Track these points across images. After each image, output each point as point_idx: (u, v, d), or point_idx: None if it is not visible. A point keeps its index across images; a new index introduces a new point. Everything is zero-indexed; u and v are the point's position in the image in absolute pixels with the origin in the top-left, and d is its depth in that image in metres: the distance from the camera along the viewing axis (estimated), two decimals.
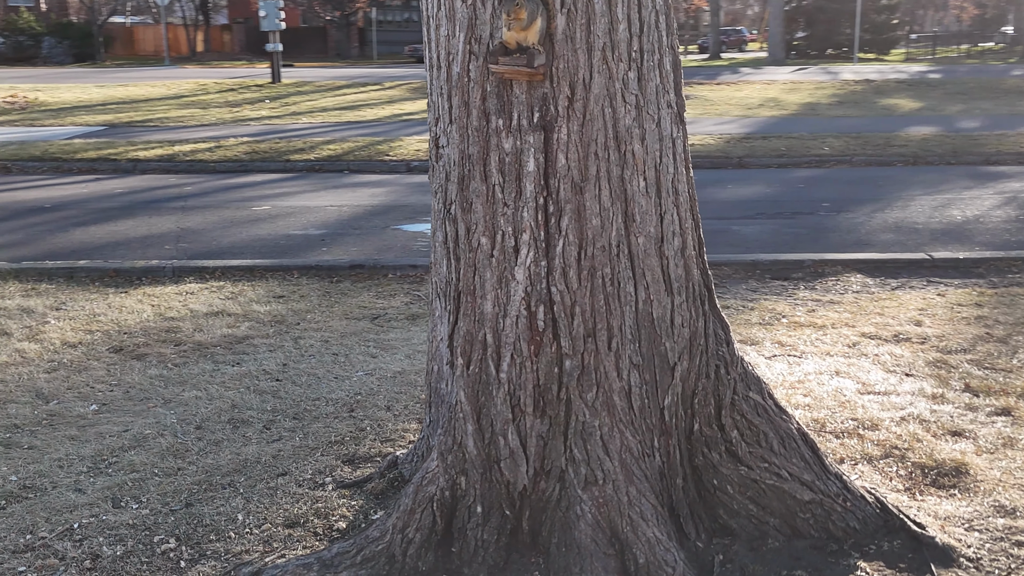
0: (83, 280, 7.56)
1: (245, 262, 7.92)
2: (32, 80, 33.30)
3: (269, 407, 4.79)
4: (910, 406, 4.63)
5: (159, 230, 9.90)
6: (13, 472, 4.16)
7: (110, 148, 15.83)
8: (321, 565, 3.30)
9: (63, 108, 23.61)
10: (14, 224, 10.37)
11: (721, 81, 30.14)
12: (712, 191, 12.09)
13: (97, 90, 28.63)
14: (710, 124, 18.64)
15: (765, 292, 7.00)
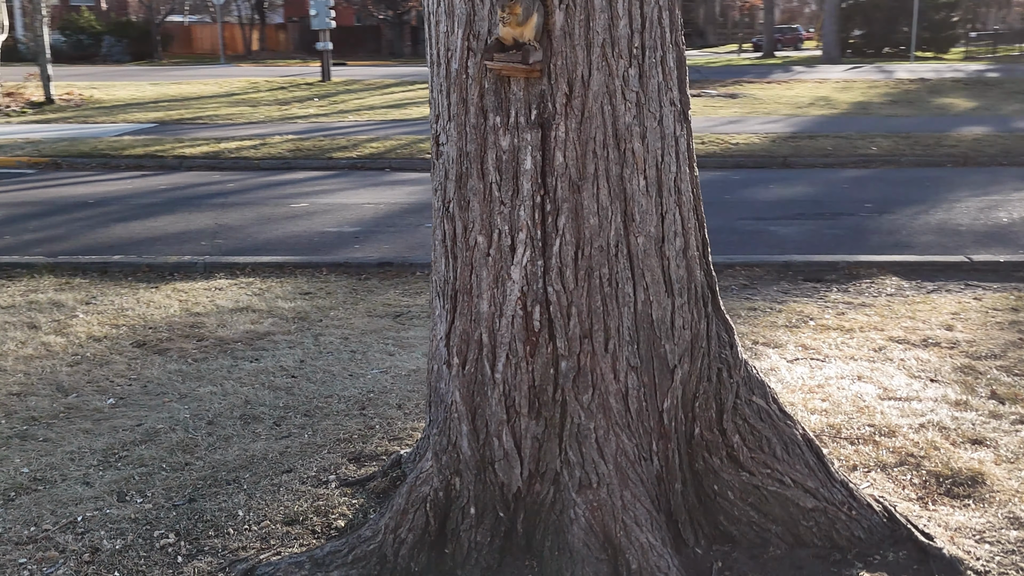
0: (116, 275, 7.66)
1: (275, 259, 7.97)
2: (89, 78, 33.91)
3: (281, 404, 4.80)
4: (931, 413, 4.51)
5: (197, 226, 10.00)
6: (26, 464, 4.21)
7: (157, 145, 16.05)
8: (313, 564, 3.29)
9: (116, 105, 24.00)
10: (57, 219, 10.55)
11: (772, 80, 29.75)
12: (753, 191, 11.95)
13: (151, 88, 29.09)
14: (756, 123, 18.41)
15: (796, 294, 6.88)
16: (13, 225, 10.21)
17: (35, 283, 7.33)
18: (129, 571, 3.38)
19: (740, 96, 24.06)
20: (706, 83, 28.04)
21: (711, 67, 37.62)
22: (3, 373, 5.31)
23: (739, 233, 9.32)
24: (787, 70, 35.74)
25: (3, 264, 7.91)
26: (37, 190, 12.76)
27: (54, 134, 18.11)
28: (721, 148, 15.10)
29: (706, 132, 16.77)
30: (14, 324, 6.19)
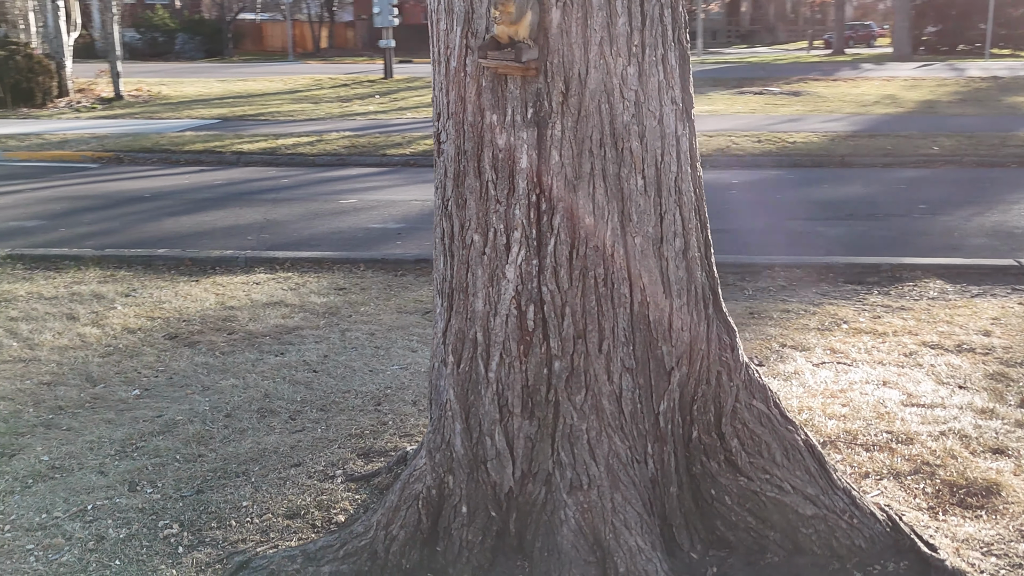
0: (160, 268, 7.80)
1: (314, 254, 8.05)
2: (160, 74, 34.63)
3: (299, 398, 4.85)
4: (953, 420, 4.39)
5: (245, 221, 10.15)
6: (46, 452, 4.31)
7: (217, 141, 16.32)
8: (305, 558, 3.32)
9: (183, 101, 24.47)
10: (112, 212, 10.79)
11: (838, 77, 29.24)
12: (806, 191, 11.76)
13: (218, 84, 29.60)
14: (817, 121, 18.10)
15: (834, 296, 6.75)
16: (70, 218, 10.47)
17: (81, 275, 7.51)
18: (130, 560, 3.44)
19: (803, 94, 23.69)
20: (770, 81, 27.67)
21: (777, 64, 37.12)
22: (37, 363, 5.44)
23: (785, 233, 9.18)
24: (855, 67, 35.09)
25: (52, 256, 8.11)
26: (97, 184, 13.06)
27: (119, 129, 18.53)
28: (777, 147, 14.87)
29: (763, 130, 16.53)
30: (54, 315, 6.35)
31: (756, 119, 18.71)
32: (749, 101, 22.39)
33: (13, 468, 4.16)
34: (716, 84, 27.03)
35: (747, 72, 32.20)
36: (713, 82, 27.89)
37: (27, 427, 4.58)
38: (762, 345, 5.57)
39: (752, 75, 30.48)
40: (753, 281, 7.22)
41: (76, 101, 24.40)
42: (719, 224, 9.70)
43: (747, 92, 24.35)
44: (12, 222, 10.22)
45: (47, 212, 10.80)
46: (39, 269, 7.75)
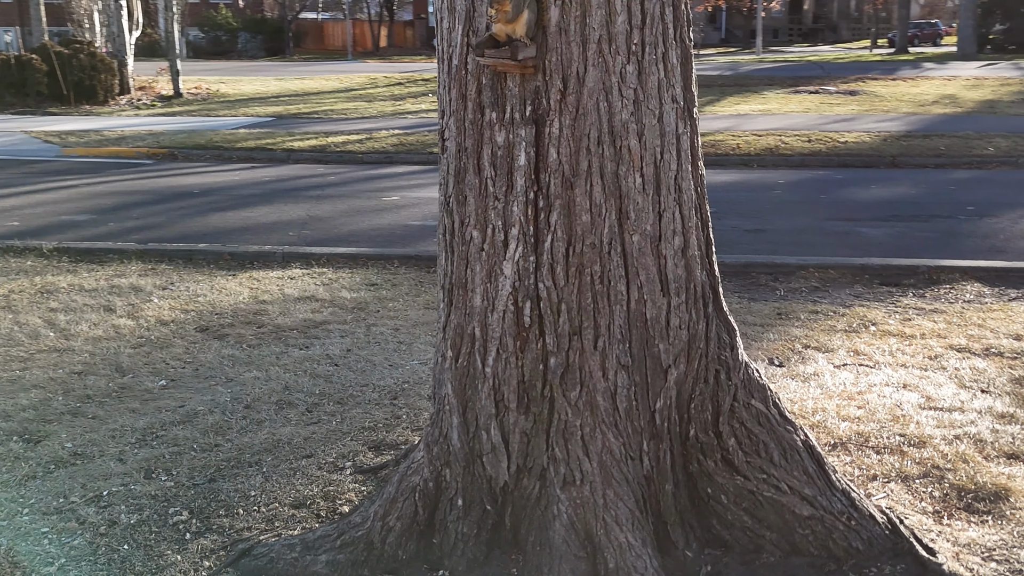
0: (200, 262, 7.97)
1: (350, 250, 8.16)
2: (220, 73, 35.22)
3: (318, 391, 4.93)
4: (971, 424, 4.32)
5: (289, 217, 10.30)
6: (70, 439, 4.44)
7: (269, 139, 16.57)
8: (304, 547, 3.38)
9: (240, 99, 24.88)
10: (161, 208, 11.02)
11: (897, 76, 28.76)
12: (851, 191, 11.61)
13: (275, 83, 30.02)
14: (871, 121, 17.84)
15: (867, 298, 6.67)
16: (120, 212, 10.72)
17: (122, 268, 7.69)
18: (138, 544, 3.54)
19: (860, 93, 23.35)
20: (827, 80, 27.32)
21: (836, 63, 36.62)
22: (70, 352, 5.60)
23: (824, 234, 9.08)
24: (916, 67, 34.48)
25: (96, 249, 8.32)
26: (149, 180, 13.35)
27: (175, 126, 18.90)
28: (827, 147, 14.70)
29: (815, 130, 16.34)
30: (92, 307, 6.52)
31: (809, 118, 18.50)
32: (804, 100, 22.13)
33: (37, 454, 4.29)
34: (772, 83, 26.75)
35: (804, 71, 31.81)
36: (769, 81, 27.61)
37: (55, 415, 4.72)
38: (785, 346, 5.53)
39: (809, 74, 30.11)
40: (786, 282, 7.16)
41: (137, 99, 24.93)
42: (758, 223, 9.66)
43: (802, 91, 24.07)
44: (64, 216, 10.49)
45: (98, 207, 11.07)
46: (83, 262, 7.96)
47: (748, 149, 14.69)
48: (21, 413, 4.72)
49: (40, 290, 6.98)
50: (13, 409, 4.78)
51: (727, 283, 6.95)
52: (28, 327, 6.07)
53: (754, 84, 26.75)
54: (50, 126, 19.35)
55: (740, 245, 8.66)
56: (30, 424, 4.60)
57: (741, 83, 27.27)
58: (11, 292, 6.91)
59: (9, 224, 9.98)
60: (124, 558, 3.45)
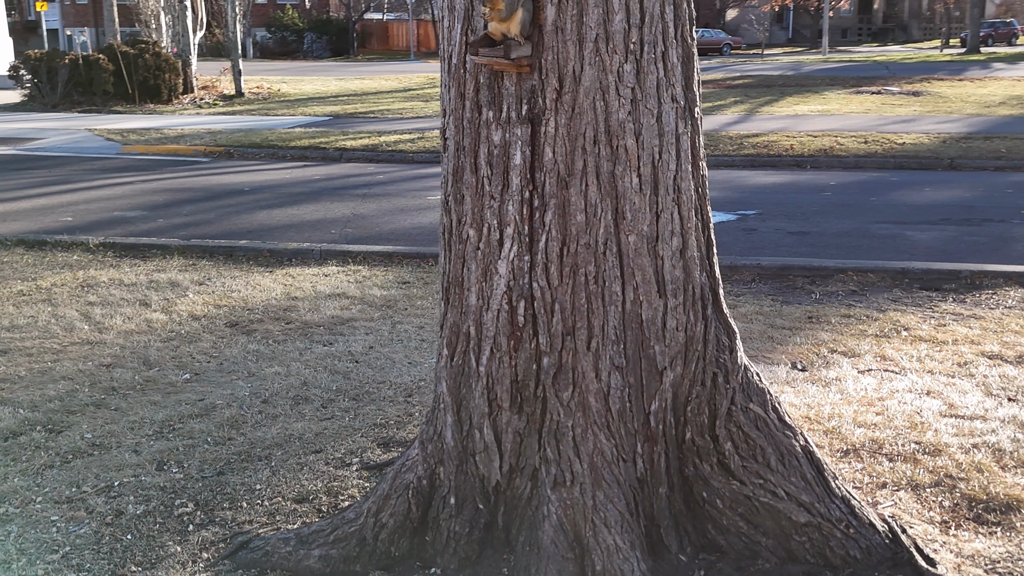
0: (240, 259, 8.08)
1: (386, 248, 8.21)
2: (283, 72, 35.70)
3: (335, 387, 4.97)
4: (991, 434, 4.21)
5: (333, 215, 10.41)
6: (91, 431, 4.54)
7: (323, 138, 16.76)
8: (298, 541, 3.42)
9: (299, 99, 25.19)
10: (210, 204, 11.21)
11: (965, 77, 28.12)
12: (904, 194, 11.39)
13: (336, 83, 30.36)
14: (932, 122, 17.47)
15: (905, 302, 6.53)
16: (170, 209, 10.92)
17: (164, 263, 7.84)
18: (142, 535, 3.60)
19: (924, 94, 22.88)
20: (891, 80, 26.82)
21: (903, 63, 35.92)
22: (102, 345, 5.72)
23: (869, 237, 8.91)
24: (986, 67, 33.66)
25: (141, 245, 8.50)
26: (202, 177, 13.59)
27: (233, 125, 19.20)
28: (884, 148, 14.43)
29: (872, 131, 16.06)
30: (128, 301, 6.65)
31: (868, 119, 18.18)
32: (865, 101, 21.76)
33: (57, 444, 4.39)
34: (833, 83, 26.35)
35: (869, 71, 31.27)
36: (831, 81, 27.20)
37: (79, 406, 4.82)
38: (810, 350, 5.44)
39: (873, 74, 29.60)
40: (822, 285, 7.04)
41: (199, 98, 25.39)
42: (802, 226, 9.52)
43: (864, 92, 23.67)
44: (116, 212, 10.72)
45: (150, 203, 11.29)
46: (127, 257, 8.13)
47: (802, 150, 14.48)
48: (47, 404, 4.84)
49: (81, 284, 7.14)
50: (40, 400, 4.89)
51: (762, 285, 6.89)
52: (65, 320, 6.21)
53: (815, 84, 26.36)
54: (113, 124, 19.80)
55: (783, 248, 8.55)
56: (54, 415, 4.71)
57: (802, 83, 26.90)
58: (53, 286, 7.08)
59: (63, 220, 10.23)
60: (126, 548, 3.51)
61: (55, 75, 23.87)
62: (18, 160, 15.42)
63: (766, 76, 29.94)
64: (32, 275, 7.44)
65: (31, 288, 7.02)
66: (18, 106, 24.43)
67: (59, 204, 11.27)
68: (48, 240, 8.70)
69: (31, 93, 24.60)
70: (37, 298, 6.76)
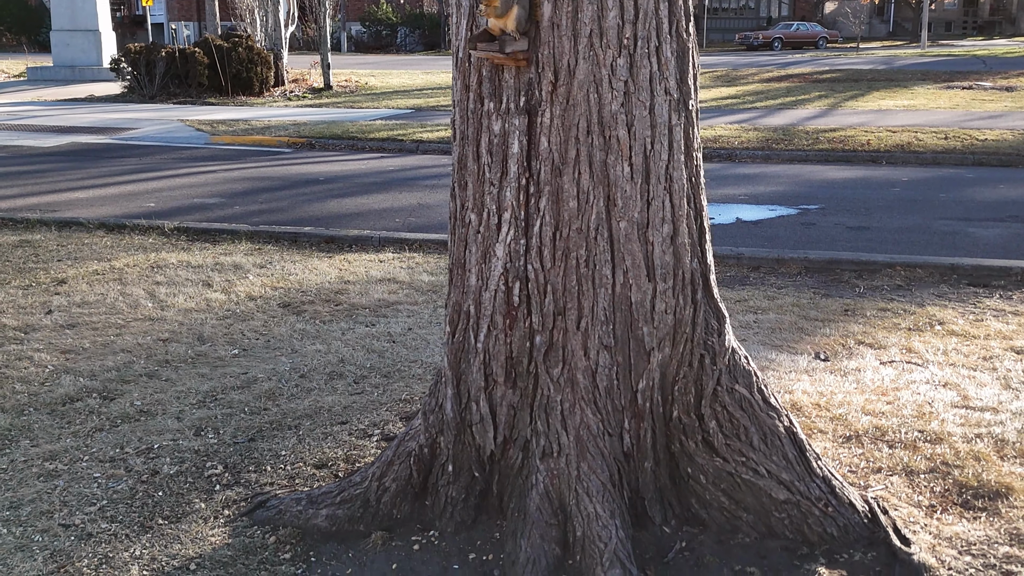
0: (303, 244, 8.44)
1: (441, 236, 8.46)
2: (373, 66, 36.36)
3: (369, 364, 5.24)
4: (998, 425, 4.26)
5: (400, 204, 10.72)
6: (140, 398, 4.89)
7: (401, 130, 17.14)
8: (308, 501, 3.68)
9: (385, 92, 25.70)
10: (285, 193, 11.63)
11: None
12: (976, 191, 11.21)
13: (422, 76, 30.84)
14: (1020, 119, 17.05)
15: (949, 298, 6.52)
16: (248, 197, 11.38)
17: (231, 247, 8.23)
18: (172, 492, 3.91)
19: (1017, 89, 22.27)
20: (985, 75, 26.12)
21: (1003, 58, 34.85)
22: (162, 322, 6.10)
23: (930, 233, 8.85)
24: None
25: (213, 230, 8.92)
26: (283, 167, 14.06)
27: (318, 117, 19.74)
28: (963, 144, 14.16)
29: (955, 127, 15.76)
30: (193, 281, 7.04)
31: (954, 115, 17.82)
32: (954, 96, 21.29)
33: (109, 409, 4.74)
34: (924, 78, 25.79)
35: (964, 65, 30.47)
36: (922, 75, 26.63)
37: (133, 376, 5.18)
38: (837, 341, 5.51)
39: (968, 69, 28.85)
40: (868, 279, 7.06)
41: (289, 91, 26.09)
42: (864, 221, 9.49)
43: (955, 87, 23.14)
44: (196, 199, 11.22)
45: (229, 191, 11.77)
46: (198, 241, 8.56)
47: (878, 145, 14.31)
48: (105, 374, 5.21)
49: (152, 265, 7.57)
50: (99, 369, 5.27)
51: (808, 279, 6.95)
52: (131, 297, 6.62)
53: (905, 79, 25.84)
54: (205, 115, 20.53)
55: (839, 242, 8.55)
56: (110, 383, 5.07)
57: (892, 78, 26.39)
58: (126, 266, 7.52)
59: (146, 205, 10.75)
60: (156, 503, 3.82)
61: (153, 68, 24.81)
62: (112, 149, 16.15)
63: (856, 70, 29.43)
64: (108, 256, 7.90)
65: (105, 268, 7.47)
66: (118, 97, 25.46)
67: (145, 191, 11.83)
68: (127, 224, 9.19)
69: (131, 85, 25.60)
70: (109, 277, 7.19)
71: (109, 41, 32.89)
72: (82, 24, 32.15)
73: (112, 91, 26.60)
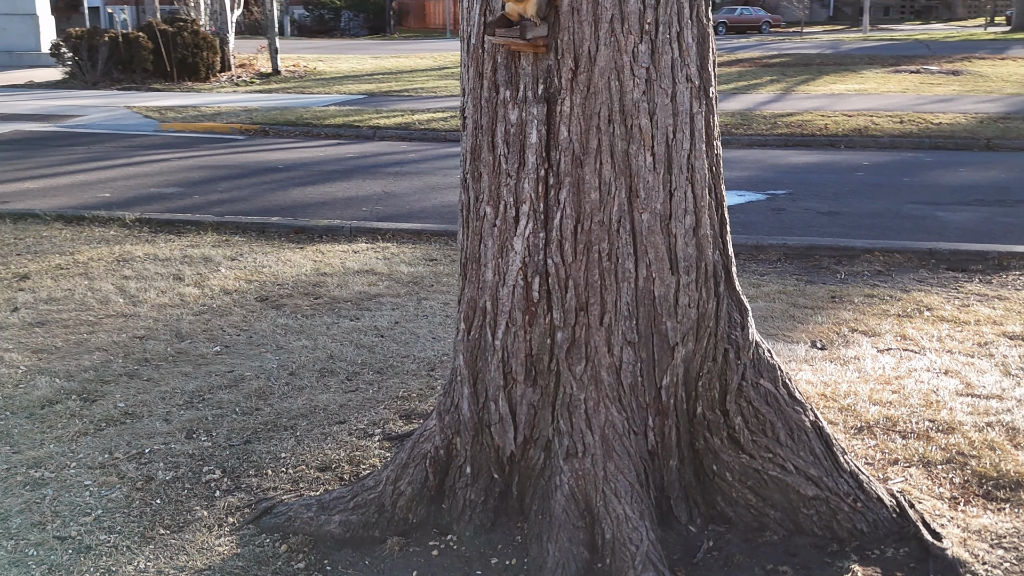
0: (272, 235, 8.22)
1: (414, 225, 8.31)
2: (319, 51, 35.85)
3: (360, 360, 5.09)
4: (1006, 413, 4.24)
5: (365, 192, 10.52)
6: (124, 400, 4.68)
7: (356, 116, 16.88)
8: (319, 507, 3.53)
9: (335, 77, 25.33)
10: (245, 182, 11.37)
11: (1007, 56, 27.68)
12: (938, 174, 11.31)
13: (371, 61, 30.47)
14: (970, 102, 17.27)
15: (930, 283, 6.53)
16: (206, 186, 11.10)
17: (198, 239, 7.99)
18: (170, 500, 3.74)
19: (964, 73, 22.58)
20: (931, 59, 26.48)
21: (944, 42, 35.40)
22: (135, 318, 5.88)
23: (901, 217, 8.88)
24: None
25: (176, 221, 8.66)
26: (238, 155, 13.75)
27: (269, 103, 19.37)
28: (919, 128, 14.30)
29: (908, 111, 15.92)
30: (163, 275, 6.81)
31: (906, 99, 18.01)
32: (903, 80, 21.52)
33: (91, 412, 4.54)
34: (872, 62, 26.06)
35: (909, 50, 30.87)
36: (869, 60, 26.90)
37: (113, 376, 4.97)
38: (831, 329, 5.47)
39: (914, 53, 29.21)
40: (848, 265, 7.05)
41: (236, 76, 25.60)
42: (834, 206, 9.50)
43: (903, 71, 23.40)
44: (153, 188, 10.91)
45: (186, 180, 11.47)
46: (162, 232, 8.30)
47: (836, 130, 14.39)
48: (83, 374, 4.99)
49: (117, 258, 7.31)
50: (76, 370, 5.05)
51: (788, 265, 6.92)
52: (100, 293, 6.38)
53: (853, 63, 26.09)
54: (152, 102, 20.04)
55: (813, 228, 8.54)
56: (89, 384, 4.86)
57: (840, 62, 26.63)
58: (90, 260, 7.26)
59: (101, 196, 10.42)
60: (155, 511, 3.65)
61: (95, 53, 24.17)
62: (59, 137, 15.68)
63: (804, 55, 29.64)
64: (70, 249, 7.62)
65: (69, 262, 7.20)
66: (59, 84, 24.78)
67: (97, 180, 11.48)
68: (86, 215, 8.88)
69: (72, 71, 24.93)
70: (74, 272, 6.93)
71: (48, 25, 32.02)
72: (20, 8, 31.25)
73: (53, 77, 25.89)
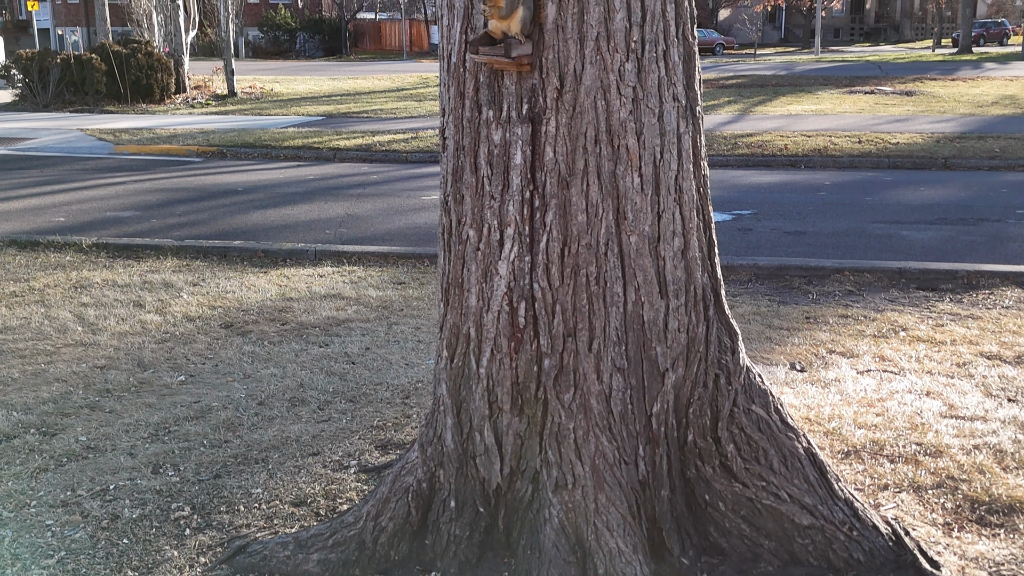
0: (234, 259, 8.04)
1: (381, 248, 8.18)
2: (276, 72, 35.61)
3: (332, 388, 4.94)
4: (992, 435, 4.19)
5: (328, 215, 10.36)
6: (85, 433, 4.49)
7: (316, 137, 16.70)
8: (296, 545, 3.38)
9: (292, 99, 25.12)
10: (204, 205, 11.15)
11: (957, 76, 28.16)
12: (899, 193, 11.38)
13: (328, 82, 30.28)
14: (925, 122, 17.49)
15: (902, 302, 6.51)
16: (164, 209, 10.87)
17: (157, 264, 7.79)
18: (138, 539, 3.56)
19: (917, 94, 22.90)
20: (884, 80, 26.85)
21: (895, 63, 35.98)
22: (96, 347, 5.67)
23: (866, 236, 8.90)
24: (978, 67, 33.70)
25: (134, 246, 8.45)
26: (196, 177, 13.52)
27: (226, 125, 19.13)
28: (878, 148, 14.43)
29: (866, 131, 16.07)
30: (123, 302, 6.60)
31: (862, 119, 18.19)
32: (858, 101, 21.77)
33: (51, 447, 4.35)
34: (827, 83, 26.36)
35: (861, 71, 31.32)
36: (824, 81, 27.22)
37: (73, 408, 4.78)
38: (809, 350, 5.42)
39: (866, 74, 29.63)
40: (819, 285, 7.02)
41: (192, 97, 25.30)
42: (799, 225, 9.51)
43: (858, 91, 23.69)
44: (109, 212, 10.67)
45: (143, 203, 11.23)
46: (120, 258, 8.08)
47: (796, 150, 14.47)
48: (41, 406, 4.79)
49: (75, 285, 7.09)
50: (34, 402, 4.85)
51: (759, 285, 6.87)
52: (58, 321, 6.17)
53: (808, 84, 26.38)
54: (106, 124, 19.71)
55: (779, 247, 8.53)
56: (48, 417, 4.66)
57: (795, 83, 26.91)
58: (46, 287, 7.03)
59: (56, 220, 10.16)
60: (122, 552, 3.47)
61: (47, 75, 23.76)
62: (10, 160, 15.34)
63: (759, 76, 29.95)
64: (25, 276, 7.39)
65: (24, 289, 6.97)
66: (9, 106, 24.34)
67: (51, 204, 11.21)
68: (40, 241, 8.64)
69: (22, 93, 24.49)
70: (30, 299, 6.71)
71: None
72: None
73: (2, 100, 25.42)
